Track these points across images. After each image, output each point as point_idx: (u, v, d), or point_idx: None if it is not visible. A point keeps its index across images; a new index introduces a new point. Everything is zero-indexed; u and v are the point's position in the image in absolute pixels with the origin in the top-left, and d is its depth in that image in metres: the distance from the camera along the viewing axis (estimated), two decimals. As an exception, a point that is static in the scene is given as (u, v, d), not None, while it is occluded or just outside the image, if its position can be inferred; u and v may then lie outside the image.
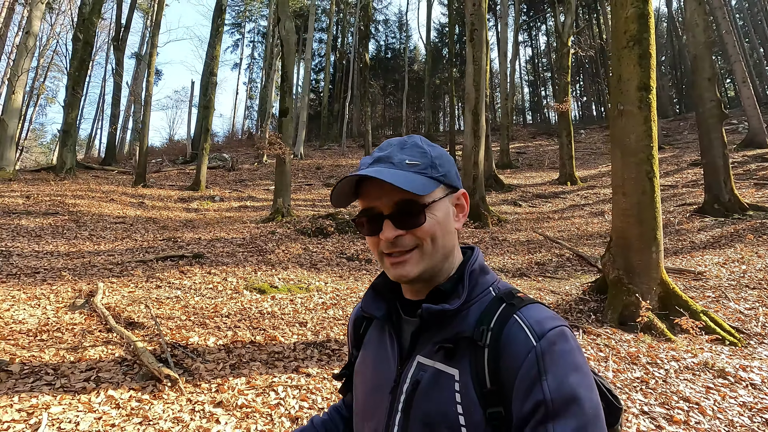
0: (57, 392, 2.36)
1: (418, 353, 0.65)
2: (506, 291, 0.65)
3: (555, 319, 0.59)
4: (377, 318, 0.71)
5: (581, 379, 0.54)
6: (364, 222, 0.67)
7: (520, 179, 16.74)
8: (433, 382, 0.61)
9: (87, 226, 7.59)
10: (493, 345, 0.58)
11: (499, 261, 6.80)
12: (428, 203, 0.64)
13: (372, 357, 0.73)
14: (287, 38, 9.09)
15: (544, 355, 0.55)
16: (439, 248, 0.64)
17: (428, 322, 0.64)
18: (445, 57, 41.83)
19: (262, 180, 16.47)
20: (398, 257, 0.63)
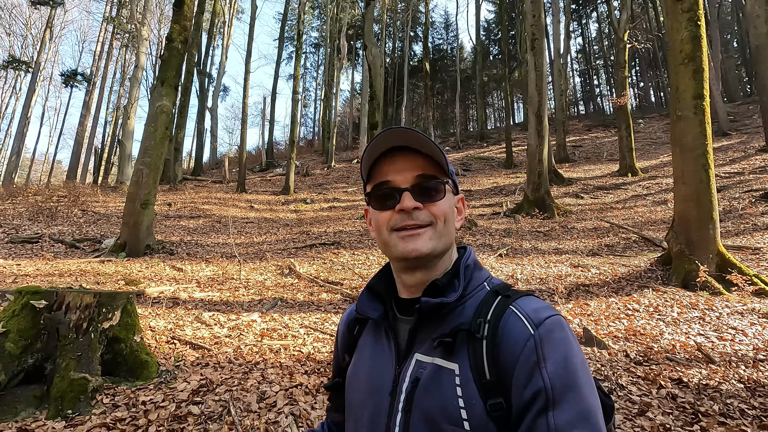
0: (324, 312, 4.02)
1: (416, 351, 0.65)
2: (500, 285, 0.67)
3: (550, 308, 0.60)
4: (373, 319, 0.71)
5: (579, 365, 0.54)
6: (378, 196, 0.68)
7: (579, 172, 17.42)
8: (433, 378, 0.60)
9: (229, 225, 9.63)
10: (491, 336, 0.59)
11: (572, 244, 7.98)
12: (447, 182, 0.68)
13: (368, 360, 0.72)
14: (374, 62, 10.72)
15: (542, 342, 0.55)
16: (448, 232, 0.67)
17: (426, 317, 0.65)
18: (492, 54, 42.38)
19: (338, 183, 18.37)
20: (412, 230, 0.64)
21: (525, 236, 8.66)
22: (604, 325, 4.17)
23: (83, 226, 9.03)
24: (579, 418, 0.51)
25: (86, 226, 9.05)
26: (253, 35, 16.28)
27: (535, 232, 9.19)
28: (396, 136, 0.65)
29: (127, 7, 31.14)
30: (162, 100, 6.97)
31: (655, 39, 24.66)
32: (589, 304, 4.76)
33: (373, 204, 0.69)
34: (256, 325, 3.71)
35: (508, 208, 12.29)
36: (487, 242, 7.75)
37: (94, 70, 33.67)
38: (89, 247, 7.02)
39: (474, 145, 27.72)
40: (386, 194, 0.66)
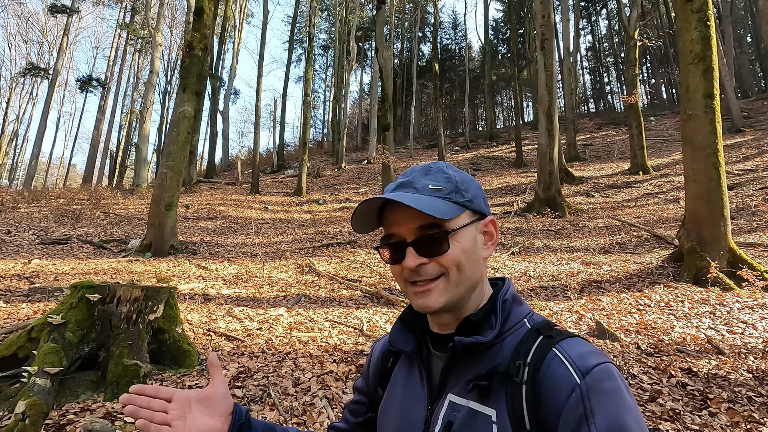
0: (346, 308, 4.22)
1: (449, 391, 0.61)
2: (543, 323, 0.62)
3: (599, 354, 0.55)
4: (406, 352, 0.68)
5: (633, 422, 0.49)
6: (387, 250, 0.65)
7: (589, 171, 17.43)
8: (467, 422, 0.57)
9: (246, 226, 9.90)
10: (531, 381, 0.54)
11: (584, 243, 8.08)
12: (453, 229, 0.61)
13: (400, 396, 0.68)
14: (385, 65, 10.92)
15: (590, 394, 0.50)
16: (466, 278, 0.62)
17: (459, 356, 0.61)
18: (500, 53, 42.36)
19: (348, 184, 18.60)
20: (422, 286, 0.61)
21: (536, 235, 8.79)
22: (616, 319, 4.31)
23: (107, 227, 9.37)
24: None
25: (110, 227, 9.39)
26: (265, 39, 16.63)
27: (547, 230, 9.31)
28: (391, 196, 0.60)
29: (140, 13, 31.80)
30: (184, 105, 7.25)
31: (666, 36, 24.50)
32: (602, 300, 4.89)
33: (384, 257, 0.66)
34: (283, 318, 3.93)
35: (519, 207, 12.40)
36: (499, 241, 7.90)
37: (108, 75, 34.37)
38: (116, 248, 7.33)
39: (483, 145, 27.77)
40: (393, 247, 0.63)
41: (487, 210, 0.67)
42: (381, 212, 0.66)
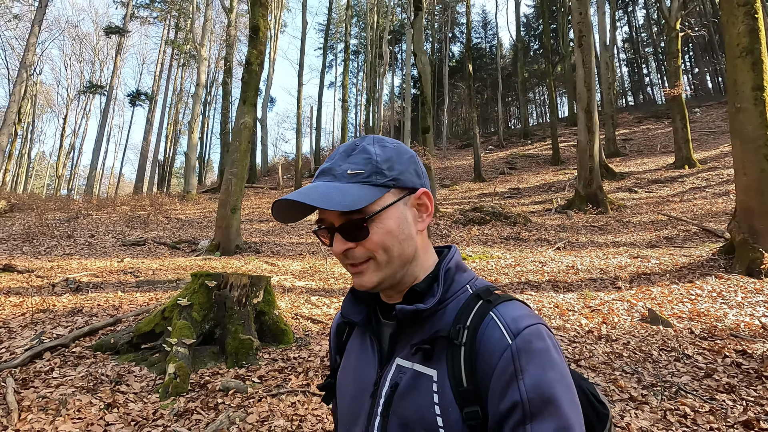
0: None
1: (397, 355, 0.64)
2: (484, 288, 0.64)
3: (531, 316, 0.59)
4: (356, 323, 0.71)
5: (559, 379, 0.53)
6: (321, 233, 0.66)
7: (631, 166, 17.09)
8: (411, 384, 0.60)
9: (297, 227, 10.52)
10: (469, 343, 0.58)
11: (629, 237, 8.14)
12: (373, 213, 0.62)
13: (354, 363, 0.72)
14: (423, 70, 11.30)
15: (519, 354, 0.54)
16: (395, 257, 0.63)
17: (404, 323, 0.64)
18: (532, 50, 41.76)
19: (386, 186, 19.09)
20: (355, 267, 0.63)
21: (580, 231, 8.89)
22: (668, 308, 4.49)
23: (173, 230, 10.23)
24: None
25: (175, 230, 10.24)
26: (304, 50, 17.38)
27: (590, 226, 9.38)
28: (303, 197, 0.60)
29: (183, 30, 33.65)
30: (245, 117, 7.91)
31: (710, 24, 23.54)
32: (652, 290, 5.06)
33: (322, 241, 0.67)
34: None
35: (559, 205, 12.44)
36: (543, 237, 8.09)
37: (155, 89, 36.49)
38: (187, 248, 8.07)
39: (518, 143, 27.59)
40: (326, 231, 0.64)
41: (419, 182, 0.67)
42: None
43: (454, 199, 14.29)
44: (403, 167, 0.65)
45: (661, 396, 2.78)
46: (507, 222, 8.80)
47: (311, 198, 0.59)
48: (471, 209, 9.80)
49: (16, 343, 3.20)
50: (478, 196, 14.84)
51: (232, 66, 24.04)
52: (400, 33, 42.61)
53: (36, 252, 7.52)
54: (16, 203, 14.86)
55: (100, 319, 3.70)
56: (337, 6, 41.20)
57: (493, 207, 9.68)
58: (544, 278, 5.55)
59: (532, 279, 5.51)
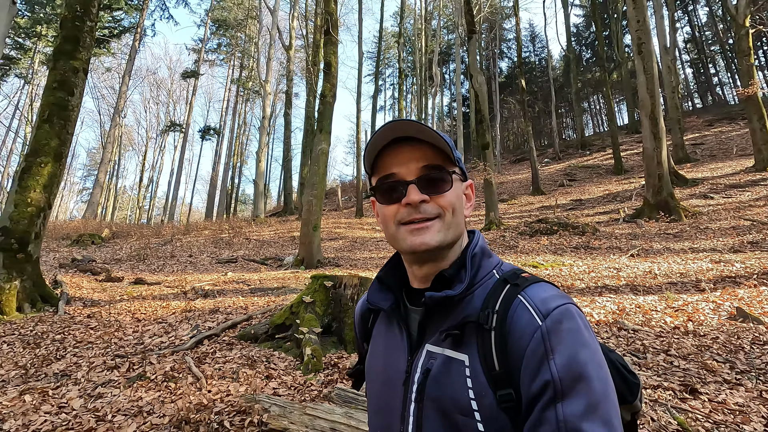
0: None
1: (426, 342, 0.65)
2: (510, 272, 0.65)
3: (560, 297, 0.59)
4: (384, 310, 0.72)
5: (589, 357, 0.54)
6: (384, 189, 0.67)
7: (704, 172, 16.22)
8: (443, 369, 0.61)
9: (365, 243, 11.19)
10: (499, 327, 0.58)
11: (709, 243, 7.91)
12: (454, 172, 0.66)
13: (382, 350, 0.73)
14: (480, 89, 11.77)
15: (549, 335, 0.55)
16: (457, 223, 0.66)
17: (433, 310, 0.65)
18: (584, 59, 40.82)
19: (443, 202, 19.48)
20: (420, 224, 0.64)
21: (653, 238, 8.74)
22: (757, 307, 4.49)
23: (255, 249, 11.29)
24: (589, 410, 0.51)
25: (258, 249, 11.29)
26: (361, 78, 18.57)
27: (663, 234, 9.17)
28: (398, 127, 0.64)
29: (246, 68, 36.74)
30: (321, 144, 8.79)
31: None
32: (738, 292, 5.03)
33: (378, 198, 0.68)
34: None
35: (627, 214, 12.15)
36: (614, 245, 8.09)
37: (221, 124, 39.84)
38: (274, 264, 8.96)
39: (575, 154, 26.93)
40: (392, 187, 0.66)
41: (467, 175, 0.73)
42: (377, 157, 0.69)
43: (514, 213, 14.37)
44: (459, 156, 0.70)
45: (756, 380, 2.94)
46: (575, 232, 8.86)
47: (428, 134, 0.64)
48: (536, 221, 9.95)
49: (180, 333, 4.00)
50: (538, 209, 14.80)
51: (291, 98, 25.93)
52: (447, 54, 43.54)
53: (150, 269, 8.73)
54: (116, 231, 16.94)
55: (235, 316, 4.45)
56: (384, 34, 43.09)
57: (558, 218, 9.76)
58: (621, 282, 5.67)
59: (609, 283, 5.66)
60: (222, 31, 35.14)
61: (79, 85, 6.26)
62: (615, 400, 0.54)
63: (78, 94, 6.26)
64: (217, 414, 2.55)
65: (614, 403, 0.53)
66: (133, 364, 3.35)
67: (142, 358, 3.44)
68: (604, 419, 0.51)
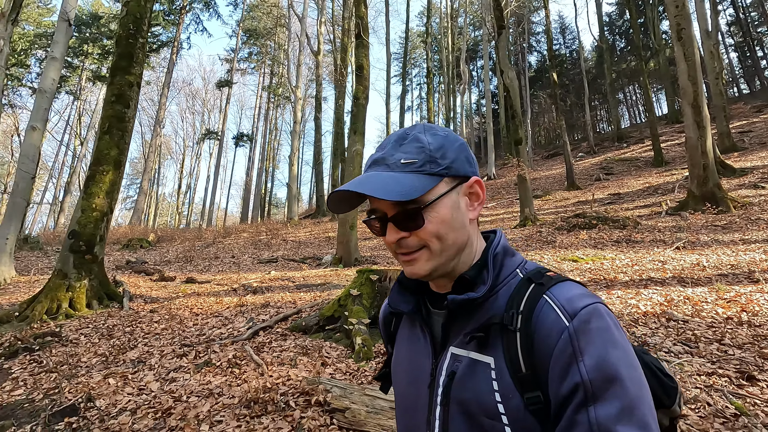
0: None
1: (450, 344, 0.64)
2: (534, 271, 0.64)
3: (587, 296, 0.58)
4: (405, 313, 0.71)
5: (621, 357, 0.52)
6: (373, 223, 0.66)
7: (754, 160, 15.38)
8: (468, 372, 0.60)
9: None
10: (524, 328, 0.57)
11: (762, 234, 7.55)
12: (428, 203, 0.61)
13: (406, 353, 0.73)
14: (511, 84, 11.68)
15: (578, 335, 0.53)
16: (449, 245, 0.63)
17: (456, 313, 0.64)
18: (618, 48, 39.40)
19: (474, 200, 19.37)
20: (408, 256, 0.63)
21: (699, 230, 8.42)
22: (818, 297, 4.30)
23: (293, 249, 11.65)
24: (623, 412, 0.49)
25: (295, 249, 11.65)
26: (389, 80, 18.82)
27: (711, 226, 8.81)
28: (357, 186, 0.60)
29: (276, 75, 37.71)
30: (356, 145, 9.01)
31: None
32: (797, 282, 4.82)
33: (373, 231, 0.68)
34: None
35: (669, 207, 11.70)
36: (658, 238, 7.86)
37: (254, 130, 41.03)
38: (313, 263, 9.24)
39: (611, 147, 26.07)
40: (378, 221, 0.65)
41: (471, 171, 0.67)
42: None
43: (548, 209, 14.13)
44: (454, 155, 0.65)
45: (819, 368, 2.86)
46: (615, 225, 8.66)
47: (367, 188, 0.59)
48: (573, 215, 9.78)
49: (236, 325, 4.27)
50: (574, 204, 14.48)
51: (321, 102, 26.46)
52: (474, 51, 43.11)
53: (198, 270, 9.21)
54: (160, 235, 17.84)
55: (285, 309, 4.69)
56: (410, 34, 43.16)
57: (596, 212, 9.56)
58: (668, 275, 5.54)
59: (654, 276, 5.55)
60: (252, 41, 36.25)
61: (133, 98, 6.74)
62: (650, 402, 0.52)
63: (133, 107, 6.74)
64: (283, 395, 2.76)
65: (650, 405, 0.51)
66: (199, 353, 3.63)
67: (206, 347, 3.72)
68: (640, 422, 0.49)
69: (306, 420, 2.49)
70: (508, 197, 18.36)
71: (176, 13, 27.69)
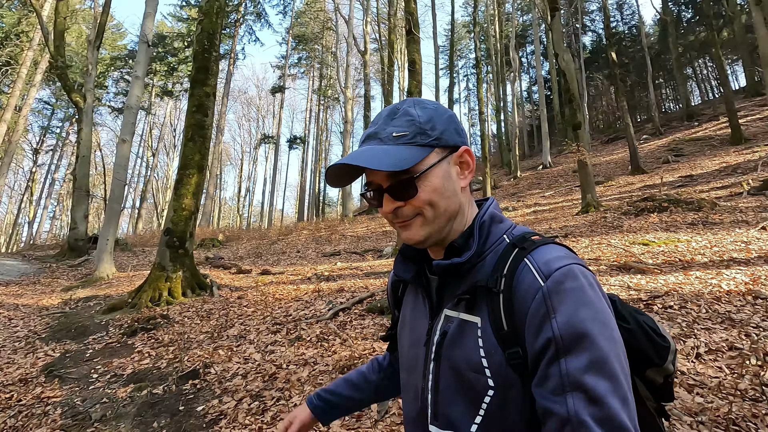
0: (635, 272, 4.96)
1: (445, 306, 0.69)
2: (520, 236, 0.67)
3: (565, 257, 0.61)
4: (407, 280, 0.76)
5: (592, 315, 0.55)
6: (369, 198, 0.71)
7: None
8: (458, 331, 0.65)
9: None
10: (506, 290, 0.61)
11: None
12: (420, 173, 0.65)
13: (409, 316, 0.79)
14: (567, 67, 11.32)
15: (551, 295, 0.56)
16: (441, 213, 0.66)
17: (447, 277, 0.69)
18: (685, 20, 36.24)
19: (530, 190, 18.89)
20: (403, 222, 0.67)
21: (789, 210, 7.75)
22: None
23: (353, 244, 12.12)
24: (591, 364, 0.52)
25: (356, 243, 12.12)
26: (438, 73, 18.82)
27: (802, 204, 8.06)
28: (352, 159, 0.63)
29: (325, 78, 38.80)
30: (411, 139, 9.22)
31: None
32: None
33: (370, 203, 0.72)
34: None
35: (752, 187, 10.78)
36: (739, 219, 7.35)
37: (306, 132, 42.51)
38: (374, 255, 9.61)
39: (680, 127, 24.21)
40: (374, 193, 0.69)
41: (460, 140, 0.70)
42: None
43: (611, 195, 13.51)
44: (444, 126, 0.68)
45: None
46: (689, 208, 8.17)
47: (361, 160, 0.62)
48: (641, 199, 9.34)
49: (317, 308, 4.67)
50: (640, 189, 13.72)
51: (369, 100, 26.94)
52: (523, 37, 41.68)
53: (268, 263, 9.90)
54: (228, 236, 19.15)
55: (359, 294, 5.04)
56: (456, 26, 42.55)
57: (667, 195, 9.07)
58: (752, 255, 5.24)
59: (737, 257, 5.27)
60: (302, 46, 37.59)
61: (210, 107, 7.43)
62: (621, 357, 0.55)
63: (210, 115, 7.42)
64: (372, 362, 3.05)
65: (620, 360, 0.54)
66: (290, 330, 4.05)
67: (295, 326, 4.13)
68: (607, 373, 0.52)
69: (397, 383, 2.77)
70: (566, 185, 17.75)
71: (231, 26, 29.43)
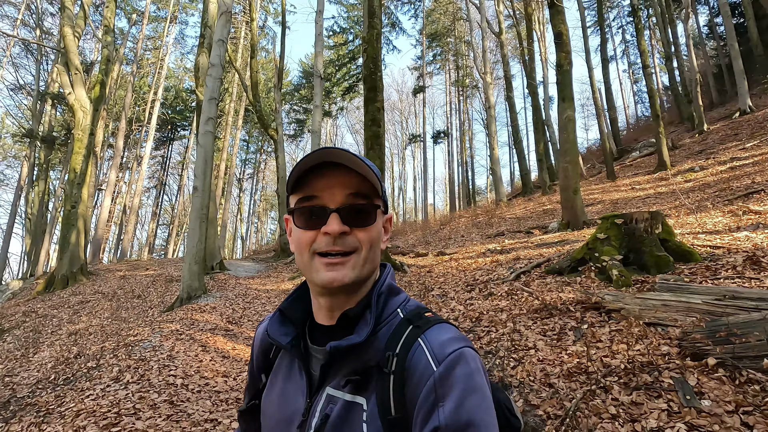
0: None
1: (327, 384, 0.63)
2: (414, 312, 0.65)
3: (457, 340, 0.59)
4: (282, 347, 0.68)
5: (479, 402, 0.54)
6: (303, 212, 0.64)
7: None
8: (342, 414, 0.60)
9: (628, 205, 10.65)
10: (398, 372, 0.58)
11: None
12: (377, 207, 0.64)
13: (280, 386, 0.70)
14: (762, -11, 9.38)
15: (442, 381, 0.55)
16: (372, 259, 0.64)
17: (336, 356, 0.62)
18: None
19: (723, 144, 15.86)
20: (337, 258, 0.62)
21: None
22: None
23: (515, 224, 12.45)
24: None
25: (517, 224, 12.43)
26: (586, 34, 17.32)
27: None
28: (329, 153, 0.60)
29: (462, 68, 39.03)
30: (566, 112, 9.16)
31: None
32: None
33: (296, 221, 0.65)
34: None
35: None
36: None
37: (448, 126, 43.40)
38: (539, 232, 9.86)
39: None
40: (312, 211, 0.63)
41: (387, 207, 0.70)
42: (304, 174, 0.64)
43: None
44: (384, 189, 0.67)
45: None
46: None
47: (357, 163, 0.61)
48: None
49: (498, 273, 5.46)
50: None
51: (510, 81, 26.23)
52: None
53: (439, 247, 11.08)
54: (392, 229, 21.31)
55: (534, 261, 5.63)
56: (602, -27, 37.66)
57: None
58: None
59: None
60: (435, 43, 38.66)
61: (382, 119, 8.91)
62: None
63: (383, 126, 8.91)
64: (562, 304, 3.69)
65: None
66: (481, 289, 4.94)
67: (485, 286, 5.00)
68: None
69: (587, 317, 3.36)
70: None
71: (373, 42, 32.32)
